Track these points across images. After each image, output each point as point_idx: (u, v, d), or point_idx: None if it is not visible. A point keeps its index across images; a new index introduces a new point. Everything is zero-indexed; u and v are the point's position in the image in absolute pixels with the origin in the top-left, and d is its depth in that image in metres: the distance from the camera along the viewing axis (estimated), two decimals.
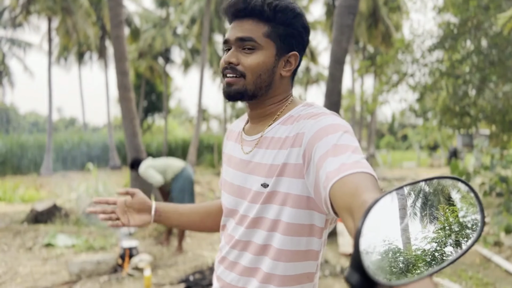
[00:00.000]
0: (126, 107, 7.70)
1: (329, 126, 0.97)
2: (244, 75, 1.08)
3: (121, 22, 7.59)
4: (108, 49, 25.53)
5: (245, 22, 1.08)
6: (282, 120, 1.12)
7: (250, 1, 1.06)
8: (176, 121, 51.07)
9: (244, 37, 1.07)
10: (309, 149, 0.97)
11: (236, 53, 1.09)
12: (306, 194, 1.01)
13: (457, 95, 8.09)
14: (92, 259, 5.03)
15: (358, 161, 0.85)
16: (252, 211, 1.10)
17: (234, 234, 1.16)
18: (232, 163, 1.22)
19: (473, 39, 8.44)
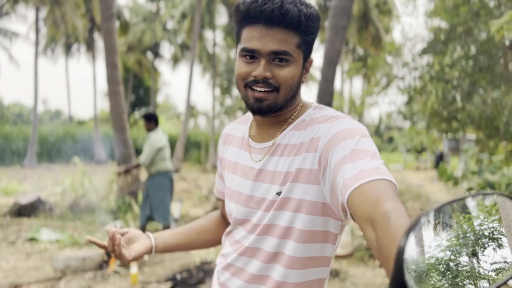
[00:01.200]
0: (115, 101, 7.60)
1: (345, 130, 0.94)
2: (277, 89, 1.02)
3: (112, 15, 7.49)
4: (97, 42, 25.23)
5: (276, 32, 0.99)
6: (295, 126, 1.08)
7: (287, 10, 0.97)
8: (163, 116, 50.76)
9: (280, 51, 0.99)
10: (325, 154, 0.94)
11: (268, 66, 1.01)
12: (322, 200, 0.98)
13: (446, 100, 8.16)
14: (77, 255, 4.94)
15: (377, 167, 0.82)
16: (264, 219, 1.06)
17: (243, 242, 1.13)
18: (240, 171, 1.16)
19: (463, 45, 8.53)
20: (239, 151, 1.20)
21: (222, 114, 30.15)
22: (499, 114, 7.68)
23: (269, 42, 0.99)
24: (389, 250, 0.64)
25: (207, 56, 27.37)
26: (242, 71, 1.04)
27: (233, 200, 1.17)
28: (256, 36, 1.00)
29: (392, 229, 0.66)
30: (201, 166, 23.00)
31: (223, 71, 29.03)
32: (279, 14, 0.97)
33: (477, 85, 7.68)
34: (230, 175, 1.21)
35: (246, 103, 1.06)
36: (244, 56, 1.03)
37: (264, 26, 0.99)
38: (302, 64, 1.06)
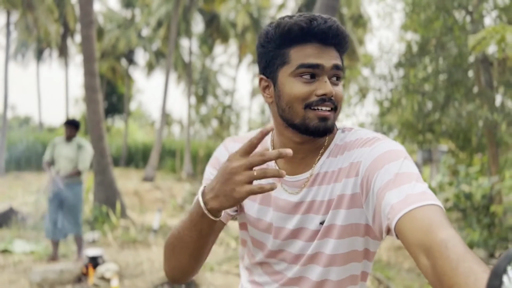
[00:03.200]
0: (92, 109, 7.47)
1: (387, 152, 0.93)
2: (337, 108, 1.00)
3: (91, 21, 7.38)
4: (70, 47, 24.77)
5: (330, 50, 0.99)
6: (330, 152, 1.05)
7: (342, 31, 0.98)
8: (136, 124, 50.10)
9: (340, 65, 0.99)
10: (367, 177, 0.93)
11: (329, 84, 0.97)
12: (364, 222, 0.98)
13: (422, 112, 8.36)
14: (55, 268, 4.80)
15: (424, 191, 0.82)
16: (308, 249, 1.05)
17: (286, 273, 1.10)
18: (273, 204, 1.09)
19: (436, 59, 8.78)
20: (266, 180, 1.06)
21: (197, 122, 29.98)
22: (473, 127, 7.92)
23: (330, 58, 0.98)
24: (452, 279, 0.65)
25: (182, 64, 27.22)
26: (303, 91, 0.97)
27: (269, 232, 1.11)
28: (314, 53, 0.97)
29: (453, 257, 0.66)
30: (176, 175, 22.76)
31: (198, 79, 28.93)
32: (336, 33, 0.97)
33: (451, 98, 7.92)
34: (254, 205, 1.13)
35: (307, 125, 0.98)
36: (302, 75, 0.98)
37: (320, 44, 0.97)
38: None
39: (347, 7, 20.97)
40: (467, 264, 0.65)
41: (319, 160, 1.05)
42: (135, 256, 5.99)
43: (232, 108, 28.69)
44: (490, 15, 8.38)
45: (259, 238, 1.14)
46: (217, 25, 24.96)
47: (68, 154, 5.36)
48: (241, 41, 26.59)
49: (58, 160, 5.39)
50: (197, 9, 23.98)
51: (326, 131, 0.99)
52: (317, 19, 0.97)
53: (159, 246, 6.65)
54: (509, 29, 4.54)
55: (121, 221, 7.56)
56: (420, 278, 5.41)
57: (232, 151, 1.11)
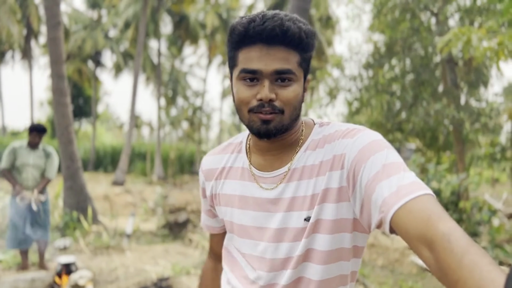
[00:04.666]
0: (61, 113, 7.27)
1: (370, 143, 0.93)
2: (282, 111, 0.97)
3: (58, 23, 7.18)
4: (34, 49, 24.07)
5: (277, 50, 0.95)
6: (307, 146, 1.04)
7: (288, 28, 0.93)
8: (104, 127, 49.16)
9: (283, 69, 0.95)
10: (354, 170, 0.92)
11: (272, 87, 0.96)
12: (352, 217, 0.97)
13: (391, 111, 8.56)
14: (26, 277, 4.65)
15: (414, 181, 0.83)
16: (297, 249, 1.01)
17: (278, 281, 1.05)
18: (251, 205, 1.08)
19: (404, 59, 9.00)
20: (242, 183, 1.11)
21: (167, 124, 29.65)
22: (440, 125, 8.17)
23: (272, 61, 0.94)
24: (457, 273, 0.66)
25: (151, 66, 26.90)
26: (245, 95, 0.98)
27: (250, 237, 1.09)
28: (257, 56, 0.95)
29: (457, 251, 0.67)
30: (147, 178, 22.46)
31: (167, 81, 28.64)
32: (280, 32, 0.93)
33: (419, 97, 8.14)
34: (234, 211, 1.12)
35: (251, 128, 1.00)
36: (244, 79, 0.98)
37: (264, 46, 0.95)
38: (303, 82, 1.01)
39: (315, 8, 21.20)
40: (471, 257, 0.65)
41: (296, 155, 1.04)
42: (109, 262, 5.86)
43: (203, 109, 28.51)
44: (453, 17, 8.67)
45: (244, 245, 1.11)
46: (186, 26, 24.79)
47: (36, 162, 5.11)
48: (211, 42, 26.50)
49: (23, 169, 5.08)
50: (165, 9, 23.75)
51: (268, 134, 0.98)
52: (255, 19, 0.94)
53: (133, 251, 6.54)
54: (474, 31, 4.71)
55: (93, 226, 7.40)
56: (394, 274, 5.52)
57: (206, 166, 1.20)
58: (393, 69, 9.23)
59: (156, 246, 6.93)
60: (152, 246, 6.93)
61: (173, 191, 15.96)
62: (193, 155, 28.96)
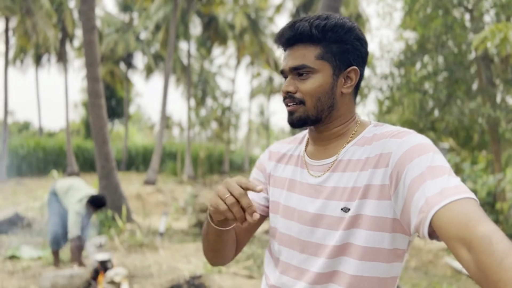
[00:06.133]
0: (96, 114, 7.48)
1: (418, 145, 0.95)
2: (303, 102, 1.08)
3: (93, 27, 7.40)
4: (69, 52, 24.77)
5: (296, 49, 1.08)
6: (356, 142, 1.09)
7: (297, 27, 1.06)
8: (135, 127, 50.10)
9: (297, 66, 1.07)
10: (398, 169, 0.94)
11: (292, 81, 1.09)
12: (392, 216, 0.97)
13: (424, 110, 8.40)
14: (65, 273, 4.81)
15: (458, 185, 0.84)
16: (333, 239, 1.04)
17: (309, 267, 1.08)
18: (298, 188, 1.15)
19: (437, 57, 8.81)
20: (295, 168, 1.20)
21: (197, 124, 29.98)
22: (474, 124, 7.97)
23: (290, 60, 1.09)
24: (497, 275, 0.67)
25: (181, 67, 27.27)
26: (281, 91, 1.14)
27: (290, 218, 1.15)
28: (283, 58, 1.13)
29: (498, 253, 0.69)
30: (177, 177, 22.76)
31: (197, 81, 28.95)
32: (291, 33, 1.07)
33: (453, 96, 7.96)
34: (283, 192, 1.19)
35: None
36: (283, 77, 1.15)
37: (286, 48, 1.12)
38: (333, 75, 1.07)
39: (345, 7, 21.00)
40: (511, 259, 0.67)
41: (344, 148, 1.10)
42: (143, 260, 6.00)
43: (232, 109, 28.69)
44: (489, 13, 8.43)
45: (283, 225, 1.17)
46: (215, 27, 25.00)
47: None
48: (239, 42, 26.63)
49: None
50: (195, 11, 24.02)
51: (292, 123, 1.12)
52: (283, 27, 1.11)
53: (166, 249, 6.67)
54: (511, 27, 4.58)
55: (127, 225, 7.58)
56: (427, 276, 5.44)
57: (273, 148, 1.30)
58: (425, 67, 9.04)
59: (188, 244, 7.04)
60: (184, 244, 7.04)
61: (203, 191, 16.13)
62: (222, 155, 29.19)
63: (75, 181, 5.47)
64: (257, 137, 49.78)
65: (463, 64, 8.17)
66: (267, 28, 27.48)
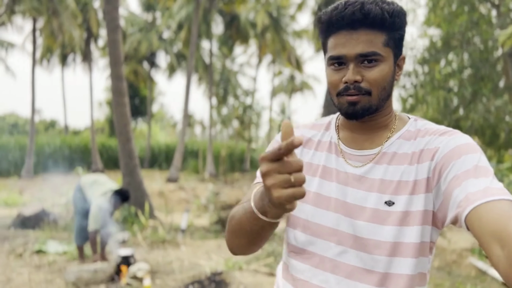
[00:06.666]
0: (120, 112, 7.61)
1: (466, 145, 0.95)
2: (369, 92, 1.01)
3: (117, 26, 7.52)
4: (93, 52, 25.23)
5: (361, 34, 0.98)
6: (401, 135, 1.06)
7: (369, 10, 0.96)
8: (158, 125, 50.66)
9: (367, 52, 0.98)
10: (442, 163, 0.94)
11: (357, 69, 1.00)
12: (431, 209, 0.98)
13: (448, 108, 8.26)
14: (89, 268, 4.92)
15: (502, 188, 0.84)
16: (378, 234, 1.00)
17: (347, 260, 1.04)
18: (335, 177, 1.09)
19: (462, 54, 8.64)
20: (328, 155, 1.13)
21: (218, 123, 30.13)
22: (501, 122, 7.78)
23: (355, 45, 0.99)
24: None
25: (203, 66, 27.43)
26: (332, 79, 1.04)
27: (325, 207, 1.08)
28: (342, 42, 1.00)
29: None
30: (199, 175, 22.95)
31: (219, 80, 29.08)
32: (361, 15, 0.97)
33: (479, 93, 7.80)
34: (314, 179, 1.12)
35: (340, 109, 1.06)
36: (332, 64, 1.04)
37: (348, 31, 0.99)
38: (394, 63, 1.04)
39: None
40: None
41: (389, 140, 1.06)
42: (165, 256, 6.08)
43: (253, 108, 28.72)
44: None
45: (315, 217, 1.09)
46: (237, 26, 25.06)
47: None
48: (261, 41, 26.63)
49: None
50: (217, 10, 24.11)
51: (355, 115, 1.03)
52: (338, 7, 0.99)
53: (188, 245, 6.74)
54: None
55: (150, 221, 7.69)
56: (451, 276, 5.35)
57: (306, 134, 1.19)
58: (450, 64, 8.88)
59: (209, 241, 7.10)
60: (206, 241, 7.10)
61: (224, 188, 16.21)
62: (243, 153, 29.26)
63: (100, 176, 5.58)
64: None
65: (489, 61, 8.00)
66: (289, 26, 27.40)
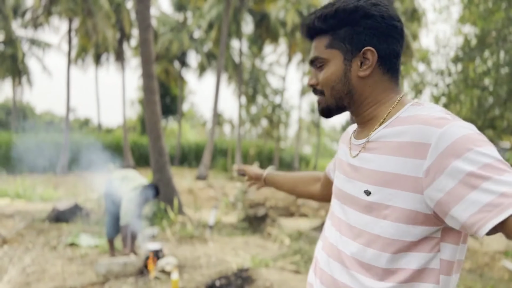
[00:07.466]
0: (151, 110, 7.75)
1: (462, 138, 0.87)
2: (323, 93, 1.12)
3: (149, 25, 7.66)
4: (126, 51, 25.77)
5: (313, 42, 1.13)
6: (388, 123, 1.04)
7: (304, 24, 1.12)
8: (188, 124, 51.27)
9: (312, 58, 1.12)
10: (439, 164, 0.88)
11: (315, 73, 1.14)
12: (418, 210, 0.94)
13: (482, 108, 8.02)
14: (119, 261, 5.04)
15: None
16: (355, 220, 1.07)
17: (332, 241, 1.16)
18: (340, 167, 1.21)
19: (498, 51, 8.37)
20: (343, 147, 1.24)
21: (247, 122, 30.24)
22: None
23: (311, 54, 1.14)
24: None
25: (233, 65, 27.60)
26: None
27: (335, 196, 1.23)
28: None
29: None
30: (227, 173, 23.11)
31: (248, 79, 29.20)
32: (305, 30, 1.14)
33: None
34: (336, 173, 1.25)
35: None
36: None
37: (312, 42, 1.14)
38: (344, 60, 1.06)
39: (400, 1, 20.40)
40: None
41: (376, 130, 1.08)
42: (193, 251, 6.16)
43: (282, 107, 28.69)
44: None
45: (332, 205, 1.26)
46: (267, 25, 25.08)
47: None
48: (291, 40, 26.55)
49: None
50: (247, 9, 24.20)
51: (321, 114, 1.17)
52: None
53: (215, 241, 6.81)
54: None
55: (179, 217, 7.81)
56: (482, 279, 5.21)
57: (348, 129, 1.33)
58: (485, 62, 8.62)
59: (237, 238, 7.15)
60: (233, 238, 7.15)
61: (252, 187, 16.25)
62: (272, 152, 29.28)
63: (130, 172, 5.70)
64: (307, 135, 49.45)
65: None
66: None
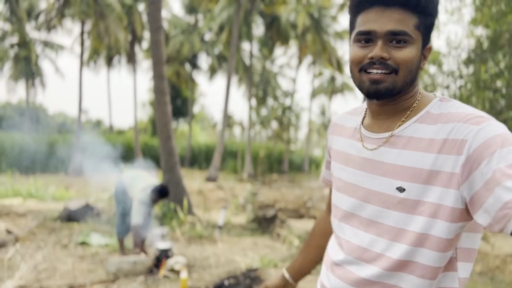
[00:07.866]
0: (161, 111, 7.81)
1: (499, 136, 0.88)
2: (396, 71, 0.97)
3: (160, 27, 7.73)
4: (137, 54, 25.97)
5: (393, 12, 0.95)
6: (418, 118, 1.01)
7: None
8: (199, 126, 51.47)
9: (398, 31, 0.95)
10: (474, 159, 0.88)
11: (385, 47, 0.97)
12: (453, 205, 0.93)
13: (494, 109, 7.94)
14: (129, 259, 5.08)
15: None
16: (385, 218, 1.01)
17: (355, 241, 1.08)
18: (351, 162, 1.12)
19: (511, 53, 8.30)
20: (349, 141, 1.15)
21: (257, 124, 30.27)
22: None
23: (386, 22, 0.96)
24: None
25: (243, 67, 27.66)
26: (357, 55, 1.00)
27: (344, 192, 1.13)
28: (372, 18, 0.97)
29: None
30: (237, 175, 23.15)
31: (258, 81, 29.23)
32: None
33: None
34: (339, 166, 1.17)
35: (361, 88, 1.02)
36: (359, 40, 1.01)
37: (381, 7, 0.96)
38: (421, 49, 1.00)
39: None
40: None
41: (404, 123, 1.02)
42: (202, 251, 6.20)
43: (292, 109, 28.67)
44: None
45: (336, 198, 1.17)
46: (277, 27, 25.11)
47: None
48: (302, 42, 26.55)
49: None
50: (257, 12, 24.26)
51: (378, 94, 1.00)
52: None
53: (224, 242, 6.83)
54: None
55: (188, 217, 7.85)
56: (493, 282, 5.16)
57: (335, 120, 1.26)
58: (497, 64, 8.55)
59: (246, 238, 7.17)
60: (242, 238, 7.18)
61: (262, 189, 16.26)
62: (282, 154, 29.26)
63: (140, 172, 5.75)
64: (317, 138, 49.33)
65: None
66: (330, 27, 27.17)
